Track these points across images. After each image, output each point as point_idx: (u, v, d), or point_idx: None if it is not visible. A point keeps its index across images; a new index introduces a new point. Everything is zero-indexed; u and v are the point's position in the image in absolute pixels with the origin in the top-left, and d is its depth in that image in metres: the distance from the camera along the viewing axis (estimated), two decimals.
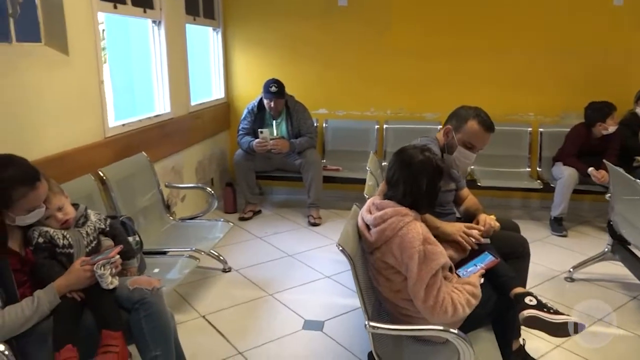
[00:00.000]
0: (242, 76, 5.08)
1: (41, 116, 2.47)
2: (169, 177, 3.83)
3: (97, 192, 2.66)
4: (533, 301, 1.92)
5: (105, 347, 1.68)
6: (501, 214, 4.36)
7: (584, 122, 4.18)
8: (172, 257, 2.74)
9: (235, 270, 3.40)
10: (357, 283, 1.72)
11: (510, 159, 4.69)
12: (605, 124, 4.03)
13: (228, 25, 5.00)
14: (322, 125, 4.95)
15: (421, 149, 1.94)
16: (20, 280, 1.73)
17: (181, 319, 2.79)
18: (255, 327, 2.71)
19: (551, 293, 3.11)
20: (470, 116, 2.29)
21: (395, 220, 1.82)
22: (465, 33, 4.67)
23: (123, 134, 3.17)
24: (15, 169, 1.66)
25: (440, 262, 1.78)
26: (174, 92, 3.89)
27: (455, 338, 1.64)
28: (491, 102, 4.70)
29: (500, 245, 2.26)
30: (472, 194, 2.58)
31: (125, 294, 1.78)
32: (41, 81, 2.47)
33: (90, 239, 1.92)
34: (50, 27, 2.61)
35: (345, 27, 4.80)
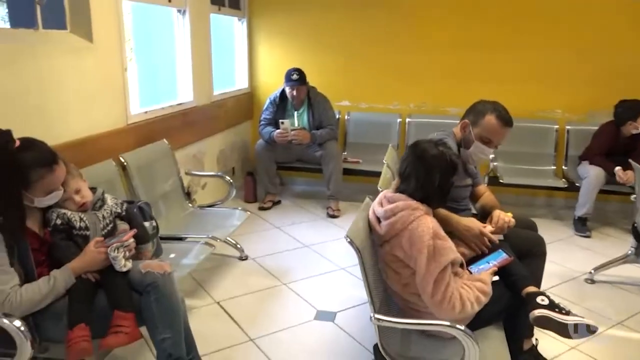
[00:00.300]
0: (266, 66, 5.10)
1: (65, 102, 2.53)
2: (191, 164, 3.89)
3: (117, 177, 2.72)
4: (545, 301, 1.89)
5: (116, 327, 1.72)
6: (524, 213, 4.34)
7: (613, 121, 4.06)
8: (189, 243, 2.79)
9: (252, 259, 3.44)
10: (364, 275, 1.72)
11: (535, 157, 4.60)
12: (636, 123, 3.91)
13: (253, 15, 5.02)
14: (344, 117, 4.94)
15: (435, 143, 1.92)
16: (38, 259, 1.79)
17: (196, 304, 2.84)
18: (268, 315, 2.74)
19: (569, 294, 3.06)
20: (488, 110, 2.26)
21: (405, 214, 1.81)
22: (493, 27, 4.58)
23: (145, 121, 3.22)
24: (34, 152, 1.70)
25: (450, 257, 1.76)
26: (197, 81, 3.93)
27: (461, 334, 1.62)
28: (517, 98, 4.64)
29: (516, 244, 2.22)
30: (489, 191, 2.53)
31: (137, 277, 1.82)
32: (66, 67, 2.53)
33: (107, 222, 1.96)
34: (75, 15, 2.67)
35: (370, 18, 4.76)
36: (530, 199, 4.85)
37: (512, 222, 2.20)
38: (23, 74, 2.26)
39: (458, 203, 2.37)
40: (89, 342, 1.67)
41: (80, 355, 1.66)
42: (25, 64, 2.28)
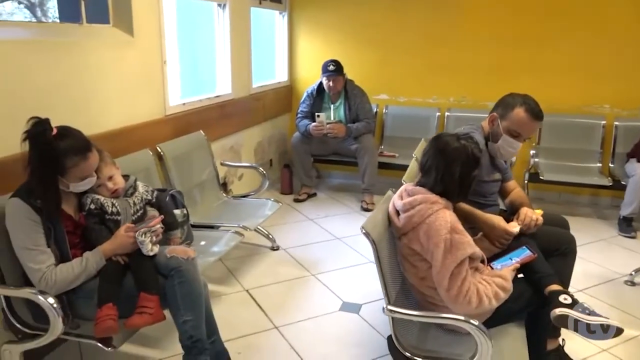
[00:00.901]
0: (306, 60, 5.14)
1: (106, 93, 2.65)
2: (228, 155, 3.99)
3: (153, 166, 2.83)
4: (568, 300, 1.85)
5: (141, 308, 1.81)
6: (566, 211, 4.23)
7: None
8: (220, 232, 2.87)
9: (283, 249, 3.50)
10: (378, 267, 1.74)
11: (579, 153, 4.44)
12: None
13: (294, 9, 5.06)
14: (382, 111, 4.92)
15: (457, 136, 1.90)
16: (73, 242, 1.90)
17: (226, 291, 2.93)
18: (294, 305, 2.79)
19: (607, 296, 2.95)
20: (518, 103, 2.20)
21: (423, 207, 1.81)
22: (537, 19, 4.44)
23: (183, 112, 3.34)
24: (70, 140, 1.81)
25: (467, 252, 1.75)
26: (235, 74, 4.02)
27: (474, 329, 1.61)
28: (562, 92, 4.51)
29: (544, 241, 2.18)
30: (519, 187, 2.47)
31: (163, 262, 1.90)
32: (108, 60, 2.66)
33: (137, 208, 2.06)
34: (118, 10, 2.79)
35: (410, 11, 4.72)
36: (573, 197, 4.69)
37: (539, 221, 2.15)
38: (68, 67, 2.40)
39: (486, 198, 2.33)
40: (115, 320, 1.76)
41: (106, 332, 1.76)
42: (70, 57, 2.41)
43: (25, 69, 2.17)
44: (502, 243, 2.09)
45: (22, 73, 2.16)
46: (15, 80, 2.12)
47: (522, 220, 2.12)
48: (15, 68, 2.12)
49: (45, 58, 2.27)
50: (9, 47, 2.11)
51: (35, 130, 1.75)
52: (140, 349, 2.36)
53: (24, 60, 2.17)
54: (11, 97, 2.09)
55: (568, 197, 4.70)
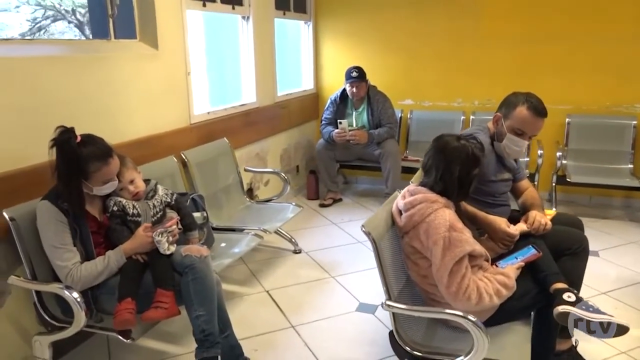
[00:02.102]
0: (331, 68, 5.24)
1: (133, 103, 2.82)
2: (253, 162, 4.12)
3: (178, 172, 2.98)
4: (571, 297, 1.85)
5: (157, 303, 1.93)
6: (599, 214, 4.15)
7: None
8: (240, 234, 2.98)
9: (305, 252, 3.59)
10: (378, 264, 1.80)
11: (610, 155, 4.34)
12: None
13: (319, 18, 5.18)
14: (407, 116, 4.96)
15: (457, 136, 1.94)
16: (97, 241, 2.05)
17: (247, 291, 3.04)
18: (312, 305, 2.87)
19: (631, 298, 2.89)
20: (520, 102, 2.22)
21: (424, 207, 1.86)
22: (562, 17, 4.38)
23: (207, 121, 3.48)
24: (92, 146, 1.96)
25: (465, 249, 1.78)
26: (260, 83, 4.16)
27: (470, 325, 1.65)
28: (590, 92, 4.44)
29: (556, 241, 2.17)
30: (532, 187, 2.47)
31: (178, 260, 2.02)
32: (133, 73, 2.83)
33: (157, 210, 2.19)
34: (144, 25, 2.97)
35: (433, 15, 4.75)
36: (605, 199, 4.58)
37: (548, 225, 2.14)
38: (97, 80, 2.57)
39: (495, 198, 2.34)
40: (133, 314, 1.89)
41: (124, 324, 1.88)
42: (98, 70, 2.59)
43: (58, 82, 2.36)
44: (505, 245, 2.11)
45: (56, 86, 2.34)
46: (50, 93, 2.31)
47: (531, 223, 2.12)
48: (49, 82, 2.31)
49: (76, 72, 2.46)
50: (44, 63, 2.31)
51: (61, 138, 1.91)
52: (162, 344, 2.49)
53: (57, 75, 2.35)
54: (45, 108, 2.28)
55: (600, 200, 4.60)
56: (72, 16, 4.12)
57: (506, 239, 2.10)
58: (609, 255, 3.49)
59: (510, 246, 2.13)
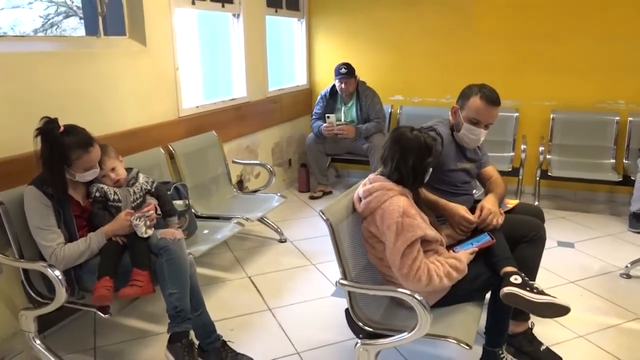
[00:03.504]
0: (324, 63, 5.36)
1: (122, 97, 2.97)
2: (244, 154, 4.27)
3: (164, 163, 3.13)
4: (518, 279, 1.96)
5: (133, 281, 2.08)
6: (583, 208, 4.26)
7: None
8: (224, 222, 3.12)
9: (290, 242, 3.73)
10: (335, 246, 1.93)
11: (593, 150, 4.44)
12: None
13: (312, 16, 5.30)
14: (397, 111, 5.07)
15: (412, 128, 2.06)
16: (80, 224, 2.20)
17: (230, 277, 3.19)
18: (290, 290, 3.01)
19: (597, 287, 3.00)
20: (474, 92, 2.33)
21: (380, 194, 1.99)
22: (549, 15, 4.48)
23: (197, 114, 3.63)
24: (74, 136, 2.10)
25: (417, 234, 1.90)
26: (250, 78, 4.29)
27: (415, 302, 1.78)
28: (577, 89, 4.55)
29: (513, 229, 2.29)
30: (497, 174, 2.57)
31: (154, 242, 2.17)
32: (123, 68, 2.98)
33: (137, 196, 2.34)
34: (132, 23, 3.11)
35: (424, 13, 4.86)
36: (590, 194, 4.67)
37: (499, 221, 2.23)
38: (86, 74, 2.73)
39: (457, 187, 2.45)
40: (110, 291, 2.04)
41: (101, 300, 2.03)
42: (88, 66, 2.74)
43: (50, 77, 2.52)
44: (463, 230, 2.23)
45: (48, 80, 2.51)
46: (42, 86, 2.47)
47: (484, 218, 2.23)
48: (42, 76, 2.48)
49: (68, 67, 2.62)
50: (38, 59, 2.47)
51: (45, 128, 2.06)
52: (145, 323, 2.64)
53: (49, 70, 2.52)
54: (38, 101, 2.44)
55: (584, 195, 4.69)
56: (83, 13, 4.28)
57: (463, 223, 2.22)
58: (584, 246, 3.59)
59: (468, 232, 2.25)
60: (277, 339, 2.51)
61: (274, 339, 2.52)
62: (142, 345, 2.46)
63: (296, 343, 2.48)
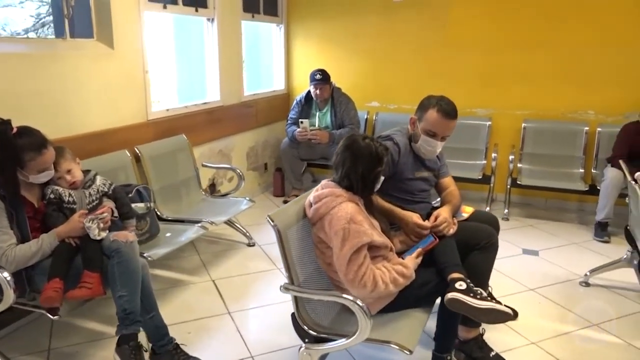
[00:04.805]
0: (302, 69, 5.38)
1: (88, 99, 2.98)
2: (216, 158, 4.28)
3: (130, 165, 3.13)
4: (462, 285, 1.99)
5: (83, 283, 2.09)
6: (553, 217, 4.31)
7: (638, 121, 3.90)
8: (188, 225, 3.13)
9: (259, 245, 3.74)
10: (282, 251, 1.95)
11: (562, 159, 4.49)
12: None
13: (291, 22, 5.34)
14: (373, 117, 5.11)
15: (365, 136, 2.09)
16: (33, 226, 2.20)
17: (194, 280, 3.19)
18: (252, 294, 3.03)
19: (558, 295, 3.03)
20: (431, 105, 2.37)
21: (329, 200, 2.01)
22: (524, 26, 4.54)
23: (166, 117, 3.64)
24: (27, 137, 2.11)
25: (363, 240, 1.93)
26: (224, 82, 4.31)
27: (356, 308, 1.80)
28: (548, 99, 4.62)
29: (466, 236, 2.31)
30: (454, 185, 2.61)
31: (107, 244, 2.18)
32: (89, 70, 2.98)
33: (93, 198, 2.35)
34: (100, 26, 3.12)
35: (401, 21, 4.91)
36: (560, 203, 4.73)
37: (451, 231, 2.26)
38: (50, 76, 2.74)
39: (414, 195, 2.49)
40: (58, 292, 2.04)
41: (49, 302, 2.03)
42: (53, 67, 2.75)
43: (13, 78, 2.53)
44: (417, 236, 2.26)
45: (11, 81, 2.52)
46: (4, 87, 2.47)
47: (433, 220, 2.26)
48: (4, 77, 2.48)
49: (32, 69, 2.63)
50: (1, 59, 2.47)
51: None
52: (102, 325, 2.64)
53: (13, 71, 2.53)
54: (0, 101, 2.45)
55: (555, 203, 4.75)
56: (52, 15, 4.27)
57: (416, 229, 2.25)
58: (547, 254, 3.64)
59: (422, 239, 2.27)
60: (233, 343, 2.52)
61: (229, 342, 2.53)
62: (97, 348, 2.46)
63: (251, 347, 2.49)
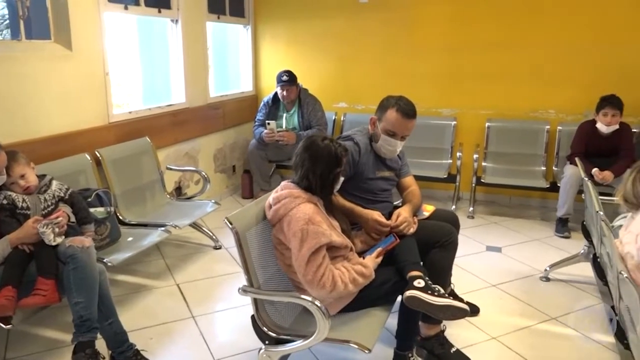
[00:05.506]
0: (270, 70, 5.37)
1: (45, 102, 2.91)
2: (183, 161, 4.23)
3: (90, 169, 3.07)
4: (421, 283, 2.01)
5: (36, 290, 2.04)
6: (517, 214, 4.38)
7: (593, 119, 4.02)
8: (151, 229, 3.09)
9: (225, 248, 3.72)
10: (240, 253, 1.94)
11: (525, 157, 4.59)
12: (598, 117, 3.91)
13: (258, 23, 5.32)
14: (341, 118, 5.14)
15: (324, 137, 2.10)
16: None
17: (159, 285, 3.15)
18: (217, 298, 3.00)
19: (519, 290, 3.09)
20: (391, 105, 2.40)
21: (288, 201, 2.01)
22: (486, 28, 4.62)
23: (129, 120, 3.58)
24: None
25: (321, 241, 1.93)
26: (190, 84, 4.27)
27: (314, 308, 1.80)
28: (511, 98, 4.70)
29: (427, 234, 2.35)
30: (415, 185, 2.64)
31: (62, 250, 2.13)
32: (46, 72, 2.92)
33: (48, 204, 2.30)
34: (58, 27, 3.06)
35: (366, 23, 4.95)
36: (524, 200, 4.83)
37: (412, 230, 2.29)
38: (5, 78, 2.67)
39: (375, 195, 2.51)
40: (10, 301, 1.99)
41: (1, 311, 1.98)
42: (7, 69, 2.68)
43: None
44: (378, 234, 2.27)
45: None
46: None
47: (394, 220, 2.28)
48: None
49: None
50: None
51: None
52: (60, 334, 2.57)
53: None
54: None
55: (519, 201, 4.85)
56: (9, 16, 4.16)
57: (377, 227, 2.27)
58: (510, 251, 3.71)
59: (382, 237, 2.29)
60: (196, 347, 2.50)
61: (192, 346, 2.50)
62: (55, 356, 2.41)
63: (214, 350, 2.47)
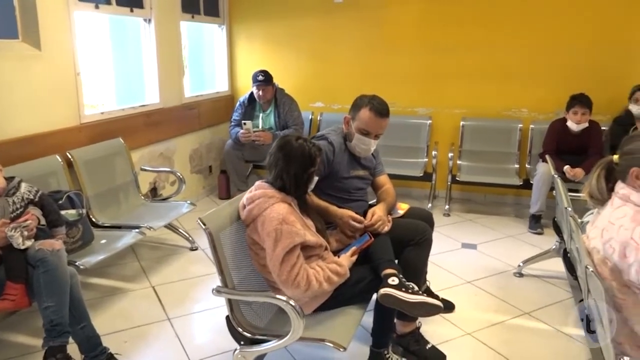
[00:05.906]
0: (246, 70, 5.34)
1: (12, 102, 2.84)
2: (157, 162, 4.18)
3: (61, 171, 3.01)
4: (395, 281, 2.03)
5: (5, 295, 2.00)
6: (491, 211, 4.44)
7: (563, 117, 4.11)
8: (124, 231, 3.05)
9: (202, 249, 3.69)
10: (214, 253, 1.93)
11: (499, 156, 4.66)
12: (568, 115, 4.00)
13: (233, 22, 5.29)
14: (317, 117, 5.14)
15: (298, 137, 2.10)
16: None
17: (133, 287, 3.11)
18: (193, 299, 2.98)
19: (493, 286, 3.14)
20: (364, 104, 2.41)
21: (261, 201, 2.00)
22: (460, 28, 4.67)
23: (101, 120, 3.52)
24: None
25: (295, 240, 1.93)
26: (164, 84, 4.22)
27: (289, 309, 1.80)
28: (485, 98, 4.76)
29: (401, 232, 2.37)
30: (390, 183, 2.66)
31: (32, 254, 2.09)
32: (13, 72, 2.85)
33: (17, 207, 2.24)
34: (26, 26, 2.99)
35: (341, 23, 4.97)
36: (498, 197, 4.90)
37: (386, 228, 2.31)
38: None
39: (350, 193, 2.52)
40: None
41: None
42: None
43: None
44: (352, 232, 2.29)
45: None
46: None
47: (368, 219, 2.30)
48: None
49: None
50: None
51: None
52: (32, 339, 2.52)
53: None
54: None
55: (493, 198, 4.92)
56: None
57: (351, 224, 2.28)
58: (485, 248, 3.76)
59: (357, 235, 2.30)
60: (171, 349, 2.48)
61: (168, 349, 2.48)
62: None
63: (190, 352, 2.45)
